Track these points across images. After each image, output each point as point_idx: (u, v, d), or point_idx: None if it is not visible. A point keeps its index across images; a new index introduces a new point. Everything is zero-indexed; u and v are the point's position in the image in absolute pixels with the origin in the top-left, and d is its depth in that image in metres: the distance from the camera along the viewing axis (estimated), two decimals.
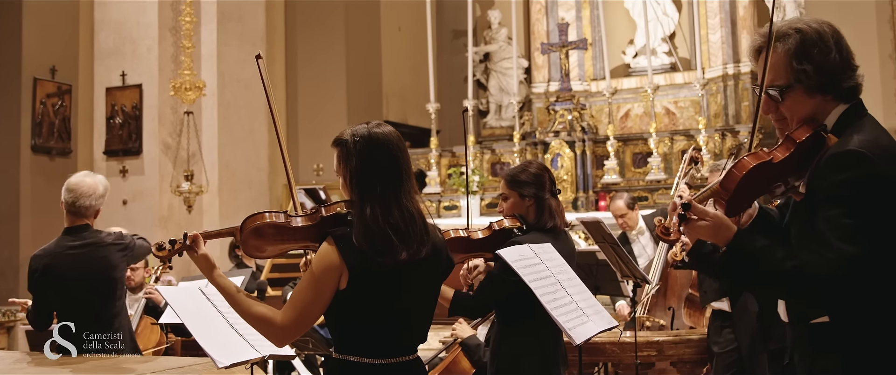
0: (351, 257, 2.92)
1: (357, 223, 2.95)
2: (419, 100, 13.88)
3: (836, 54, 2.68)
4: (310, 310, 2.97)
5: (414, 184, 3.12)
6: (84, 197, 5.32)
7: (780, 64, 2.74)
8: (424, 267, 3.06)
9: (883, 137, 2.65)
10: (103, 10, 11.30)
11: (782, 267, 2.58)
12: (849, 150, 2.58)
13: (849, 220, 2.52)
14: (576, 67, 13.71)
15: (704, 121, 12.06)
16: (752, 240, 2.67)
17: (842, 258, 2.50)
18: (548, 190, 4.39)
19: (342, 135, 3.08)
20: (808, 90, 2.71)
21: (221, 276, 3.18)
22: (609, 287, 6.71)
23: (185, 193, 10.76)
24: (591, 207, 12.13)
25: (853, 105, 2.72)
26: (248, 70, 11.96)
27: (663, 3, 13.87)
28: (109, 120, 11.20)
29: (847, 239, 2.50)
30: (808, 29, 2.71)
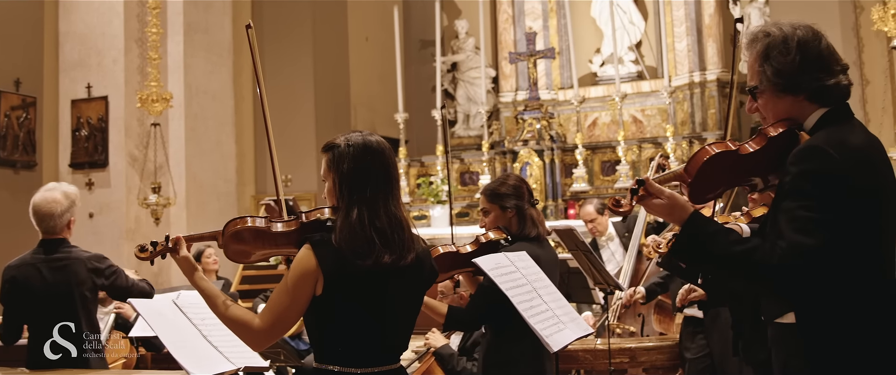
0: (327, 262, 2.92)
1: (342, 224, 2.97)
2: (387, 109, 13.86)
3: (796, 56, 2.73)
4: (286, 315, 2.98)
5: (400, 193, 3.15)
6: (47, 218, 5.28)
7: (753, 66, 2.83)
8: (408, 275, 3.06)
9: (855, 137, 2.69)
10: (68, 21, 11.20)
11: (732, 250, 2.64)
12: (810, 145, 2.65)
13: (805, 213, 2.57)
14: (543, 76, 13.74)
15: (672, 128, 12.13)
16: (706, 222, 2.74)
17: (794, 248, 2.55)
18: (527, 201, 4.47)
19: (335, 140, 3.11)
20: (774, 91, 2.77)
21: (203, 278, 3.21)
22: (580, 294, 6.73)
23: (152, 205, 10.68)
24: (560, 215, 12.15)
25: (836, 108, 2.76)
26: (216, 81, 11.92)
27: (629, 11, 13.93)
28: (75, 132, 11.10)
29: (802, 230, 2.56)
30: (776, 32, 2.78)
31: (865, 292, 2.64)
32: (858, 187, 2.60)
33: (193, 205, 11.55)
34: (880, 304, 2.65)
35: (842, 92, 2.77)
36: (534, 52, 13.08)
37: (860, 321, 2.63)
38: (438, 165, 12.91)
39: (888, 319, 2.65)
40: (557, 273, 4.49)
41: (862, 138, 2.71)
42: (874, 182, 2.65)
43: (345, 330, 2.99)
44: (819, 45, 2.75)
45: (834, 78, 2.75)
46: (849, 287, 2.62)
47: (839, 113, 2.76)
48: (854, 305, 2.63)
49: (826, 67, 2.75)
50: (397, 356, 3.14)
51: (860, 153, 2.65)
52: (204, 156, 11.74)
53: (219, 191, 12.00)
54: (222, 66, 12.07)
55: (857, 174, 2.60)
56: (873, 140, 2.78)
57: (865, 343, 2.64)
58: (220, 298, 3.14)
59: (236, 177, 12.33)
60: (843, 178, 2.58)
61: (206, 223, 11.48)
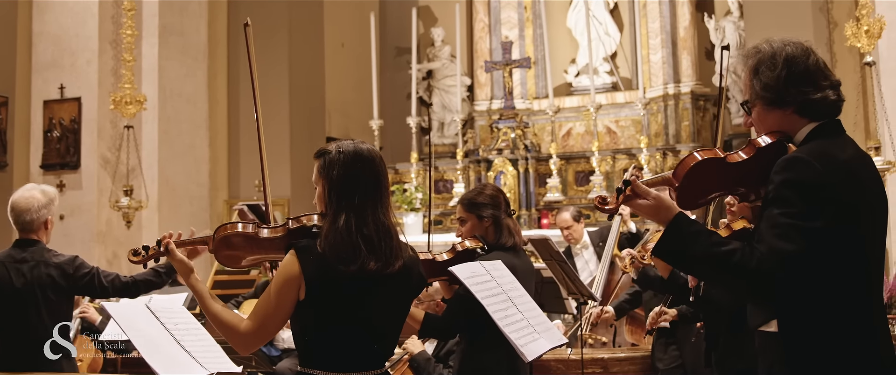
0: (309, 267, 2.98)
1: (328, 230, 3.02)
2: (362, 116, 13.84)
3: (782, 71, 2.81)
4: (271, 320, 3.04)
5: (389, 201, 3.21)
6: (24, 212, 5.28)
7: (745, 82, 2.93)
8: (394, 282, 3.09)
9: (841, 151, 2.76)
10: (42, 21, 11.11)
11: (712, 251, 2.71)
12: (793, 156, 2.73)
13: (786, 220, 2.64)
14: (519, 85, 13.78)
15: (646, 140, 12.20)
16: (690, 223, 2.81)
17: (772, 253, 2.62)
18: (504, 211, 4.48)
19: (326, 147, 3.17)
20: (762, 104, 2.86)
21: (198, 281, 3.25)
22: (553, 304, 6.74)
23: (124, 208, 10.60)
24: (533, 225, 12.18)
25: (826, 123, 2.82)
26: (191, 84, 11.86)
27: (605, 23, 14.00)
28: (47, 133, 11.01)
29: (781, 236, 2.63)
30: (766, 48, 2.87)
31: (846, 302, 2.70)
32: (840, 198, 2.66)
33: (165, 209, 11.48)
34: (860, 314, 2.71)
35: (829, 106, 2.83)
36: (509, 61, 13.12)
37: (841, 329, 2.69)
38: (412, 172, 12.92)
39: (867, 328, 2.72)
40: (533, 283, 4.51)
41: (849, 152, 2.78)
42: (857, 195, 2.70)
43: (328, 335, 3.04)
44: (806, 60, 2.83)
45: (820, 92, 2.82)
46: (830, 296, 2.69)
47: (828, 127, 2.82)
48: (834, 314, 2.69)
49: (812, 82, 2.82)
50: (381, 362, 3.17)
51: (844, 165, 2.71)
52: (177, 159, 11.67)
53: (191, 195, 11.94)
54: (197, 70, 12.01)
55: (840, 185, 2.67)
56: (862, 155, 2.85)
57: (846, 352, 2.69)
58: (213, 301, 3.19)
59: (209, 180, 12.26)
60: (823, 188, 2.65)
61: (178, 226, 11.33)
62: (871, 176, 2.81)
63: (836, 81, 2.87)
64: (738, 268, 2.66)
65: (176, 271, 3.33)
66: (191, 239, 3.45)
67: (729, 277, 2.76)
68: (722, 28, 13.20)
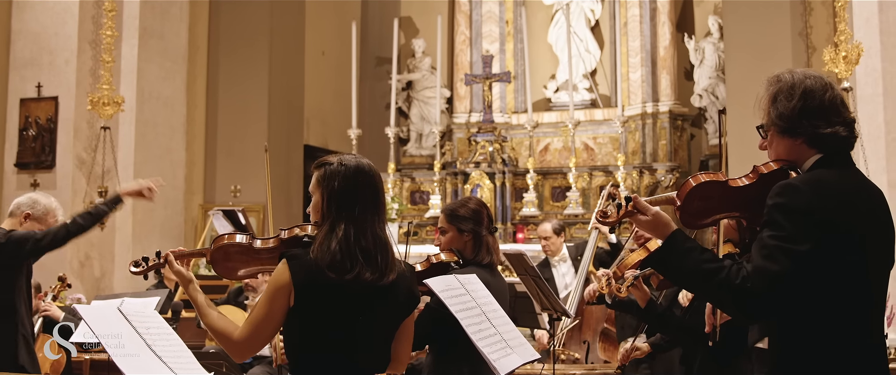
0: (299, 275, 3.03)
1: (325, 238, 3.07)
2: (340, 125, 13.84)
3: (798, 102, 2.90)
4: (263, 328, 3.10)
5: (386, 217, 3.28)
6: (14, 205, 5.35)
7: (765, 107, 3.01)
8: (382, 295, 3.13)
9: (838, 180, 2.85)
10: (21, 19, 11.04)
11: (702, 267, 2.83)
12: (787, 182, 2.83)
13: (773, 242, 2.74)
14: (498, 99, 13.82)
15: (623, 157, 12.27)
16: (685, 240, 2.92)
17: (757, 271, 2.74)
18: (485, 227, 4.44)
19: (328, 159, 3.22)
20: (777, 132, 2.95)
21: (197, 290, 3.32)
22: (526, 319, 6.74)
23: None
24: (509, 239, 12.21)
25: (828, 155, 2.90)
26: (169, 87, 11.81)
27: (586, 40, 14.07)
28: (22, 132, 10.92)
29: (767, 257, 2.73)
30: (787, 78, 2.97)
31: (832, 324, 2.78)
32: (831, 224, 2.74)
33: (140, 212, 11.40)
34: (846, 335, 2.78)
35: (839, 142, 2.90)
36: (489, 75, 13.16)
37: (824, 349, 2.78)
38: (390, 183, 12.92)
39: (854, 348, 2.79)
40: (507, 302, 4.49)
41: (848, 182, 2.86)
42: (850, 222, 2.78)
43: (317, 343, 3.09)
44: (823, 95, 2.90)
45: (830, 127, 2.89)
46: (815, 318, 2.78)
47: (834, 159, 2.90)
48: (818, 335, 2.79)
49: (825, 117, 2.89)
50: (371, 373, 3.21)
51: (838, 193, 2.79)
52: (153, 162, 11.60)
53: (167, 199, 11.85)
54: (176, 73, 11.96)
55: (829, 212, 2.75)
56: (865, 186, 2.92)
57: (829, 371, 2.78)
58: (210, 310, 3.25)
59: (185, 184, 12.20)
60: (811, 213, 2.73)
61: (152, 230, 11.37)
62: (870, 206, 2.87)
63: (849, 119, 2.94)
64: (723, 284, 2.77)
65: (114, 205, 3.38)
66: (190, 252, 3.51)
67: (715, 291, 2.87)
68: (701, 49, 13.31)
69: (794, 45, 10.49)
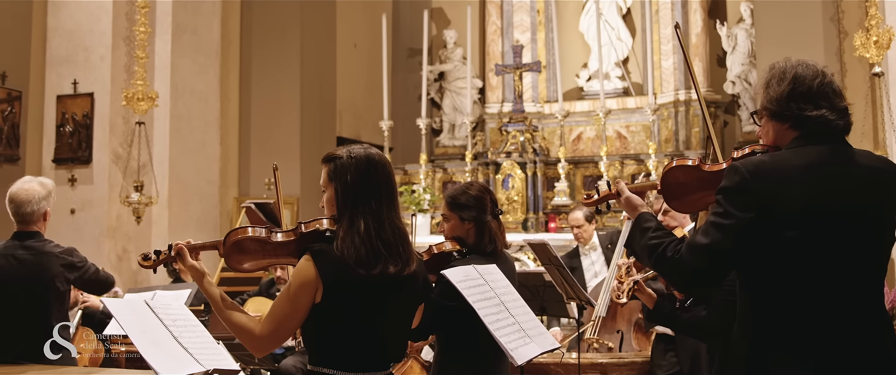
0: (326, 272, 3.01)
1: (347, 234, 3.06)
2: (373, 117, 13.91)
3: (787, 86, 2.96)
4: (286, 323, 3.08)
5: (399, 206, 3.26)
6: (24, 204, 5.33)
7: (757, 93, 3.12)
8: (404, 286, 3.16)
9: (788, 161, 2.90)
10: (56, 17, 11.20)
11: (649, 242, 3.06)
12: (730, 165, 2.97)
13: (711, 219, 2.90)
14: (529, 89, 13.83)
15: (655, 145, 12.22)
16: (646, 220, 3.16)
17: (688, 246, 2.92)
18: (489, 213, 4.36)
19: (336, 152, 3.20)
20: (768, 117, 3.03)
21: (211, 284, 3.29)
22: (555, 308, 6.76)
23: (134, 204, 10.66)
24: (540, 228, 12.21)
25: (804, 134, 2.95)
26: (203, 81, 11.92)
27: (617, 28, 14.03)
28: (59, 128, 11.08)
29: (702, 232, 2.90)
30: (780, 65, 3.05)
31: (775, 302, 2.87)
32: (762, 202, 2.83)
33: (175, 205, 11.54)
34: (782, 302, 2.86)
35: (823, 124, 2.93)
36: (520, 65, 13.17)
37: (772, 327, 2.88)
38: (422, 174, 12.96)
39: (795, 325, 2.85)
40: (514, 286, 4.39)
41: (801, 161, 2.89)
42: (794, 199, 2.83)
43: (341, 336, 3.08)
44: (813, 81, 2.96)
45: (817, 110, 2.93)
46: (760, 294, 2.91)
47: (809, 138, 2.94)
48: (762, 302, 2.91)
49: (812, 101, 2.94)
50: (390, 363, 3.23)
51: (776, 171, 2.86)
52: (188, 156, 11.72)
53: (201, 192, 11.99)
54: (209, 68, 12.07)
55: (763, 190, 2.83)
56: (830, 162, 2.90)
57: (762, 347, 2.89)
58: (227, 304, 3.22)
59: (219, 178, 12.31)
60: (745, 191, 2.84)
61: (187, 223, 11.49)
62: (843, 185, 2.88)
63: (842, 106, 2.96)
64: (661, 256, 2.99)
65: None
66: (202, 244, 3.43)
67: (656, 263, 3.06)
68: (734, 35, 13.22)
69: (826, 29, 10.40)
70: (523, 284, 5.98)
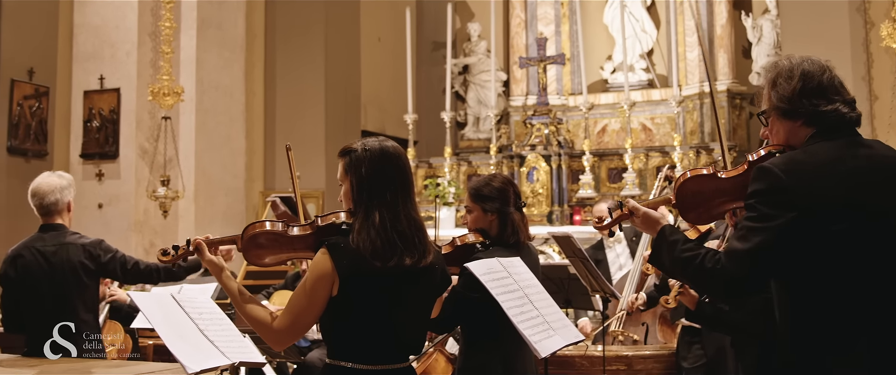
0: (342, 264, 3.02)
1: (362, 227, 3.06)
2: (397, 110, 13.92)
3: (798, 83, 2.92)
4: (304, 317, 3.09)
5: (415, 197, 3.25)
6: (47, 194, 5.39)
7: (764, 93, 3.04)
8: (421, 278, 3.16)
9: (817, 156, 2.84)
10: (83, 13, 11.28)
11: (678, 256, 2.94)
12: (759, 167, 2.87)
13: (746, 223, 2.81)
14: (554, 82, 13.80)
15: (680, 138, 12.17)
16: (671, 233, 3.02)
17: (728, 254, 2.82)
18: (512, 204, 4.36)
19: (352, 145, 3.20)
20: (778, 116, 2.98)
21: (230, 278, 3.30)
22: (580, 301, 6.75)
23: (160, 198, 10.73)
24: (565, 221, 12.19)
25: (821, 129, 2.90)
26: (228, 76, 11.98)
27: (642, 20, 13.99)
28: (87, 123, 11.18)
29: (740, 238, 2.81)
30: (785, 63, 3.00)
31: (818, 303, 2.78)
32: (800, 201, 2.75)
33: (202, 199, 11.61)
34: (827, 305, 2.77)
35: (840, 119, 2.90)
36: (544, 58, 13.14)
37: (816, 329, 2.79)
38: (446, 167, 12.97)
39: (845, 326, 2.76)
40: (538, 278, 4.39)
41: (827, 156, 2.84)
42: (820, 196, 2.77)
43: (359, 329, 3.08)
44: (822, 76, 2.93)
45: (831, 104, 2.90)
46: (802, 296, 2.81)
47: (827, 134, 2.90)
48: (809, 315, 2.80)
49: (824, 95, 2.91)
50: (408, 355, 3.22)
51: (811, 170, 2.80)
52: (214, 150, 11.79)
53: (227, 186, 12.06)
54: (234, 62, 12.13)
55: (800, 189, 2.76)
56: (850, 156, 2.85)
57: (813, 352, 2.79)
58: (245, 298, 3.24)
59: (245, 172, 12.38)
60: (782, 192, 2.76)
61: (214, 217, 11.56)
62: (872, 179, 2.83)
63: (850, 98, 2.94)
64: (698, 269, 2.87)
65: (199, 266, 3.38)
66: (220, 239, 3.45)
67: (692, 276, 2.97)
68: (759, 26, 13.14)
69: (852, 20, 10.32)
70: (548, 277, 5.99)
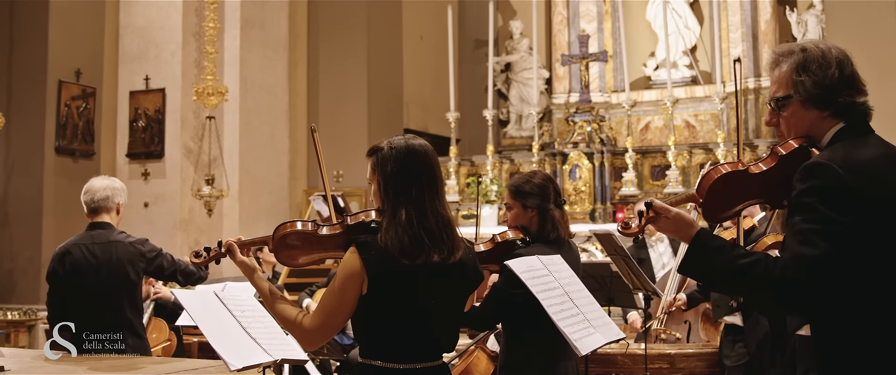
0: (371, 263, 3.01)
1: (389, 225, 3.04)
2: (440, 108, 13.94)
3: (835, 71, 2.78)
4: (335, 316, 3.08)
5: (444, 193, 3.23)
6: (98, 191, 5.54)
7: (784, 78, 2.85)
8: (451, 274, 3.14)
9: (865, 152, 2.71)
10: (128, 14, 11.42)
11: (734, 264, 2.68)
12: (813, 162, 2.69)
13: (809, 225, 2.60)
14: (596, 79, 13.75)
15: (723, 134, 12.08)
16: (711, 239, 2.79)
17: (796, 260, 2.58)
18: (552, 201, 4.34)
19: (378, 144, 3.19)
20: (803, 102, 2.81)
21: (262, 279, 3.32)
22: (623, 298, 6.73)
23: (205, 197, 10.83)
24: (608, 219, 12.14)
25: (851, 123, 2.78)
26: (271, 76, 12.07)
27: (685, 16, 13.89)
28: (132, 123, 11.31)
29: (805, 242, 2.58)
30: (814, 48, 2.82)
31: (879, 305, 2.63)
32: (865, 199, 2.60)
33: (246, 198, 11.71)
34: (893, 316, 2.63)
35: (866, 112, 2.81)
36: (586, 55, 13.09)
37: (873, 333, 2.63)
38: (488, 165, 12.97)
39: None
40: (579, 276, 4.38)
41: (874, 152, 2.72)
42: (884, 195, 2.64)
43: (389, 327, 3.07)
44: (851, 66, 2.80)
45: (863, 97, 2.80)
46: (860, 300, 2.62)
47: (854, 129, 2.78)
48: (867, 318, 2.63)
49: (856, 86, 2.80)
50: (440, 353, 3.21)
51: (868, 166, 2.66)
52: (257, 149, 11.88)
53: (271, 185, 12.15)
54: (277, 62, 12.22)
55: (863, 186, 2.61)
56: (890, 154, 2.77)
57: (878, 357, 2.63)
58: (276, 297, 3.25)
59: (289, 171, 12.46)
60: (846, 190, 2.60)
61: (258, 216, 11.65)
62: None
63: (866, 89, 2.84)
64: (762, 279, 2.64)
65: None
66: (251, 240, 3.47)
67: (754, 289, 2.76)
68: (804, 22, 13.02)
69: None
70: (590, 274, 5.98)
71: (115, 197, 5.59)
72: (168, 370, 4.72)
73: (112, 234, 5.54)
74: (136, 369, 4.75)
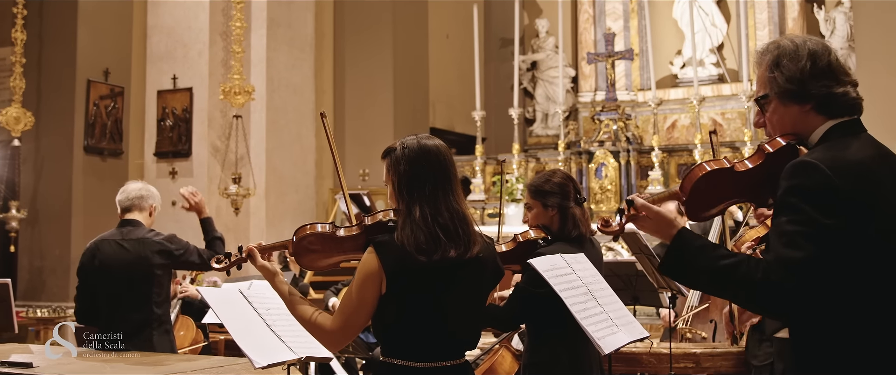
0: (389, 262, 3.02)
1: (405, 223, 3.06)
2: (466, 107, 13.94)
3: (806, 63, 2.70)
4: (355, 317, 3.10)
5: (461, 189, 3.23)
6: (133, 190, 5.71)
7: (761, 77, 2.81)
8: (470, 270, 3.14)
9: (855, 152, 2.64)
10: (156, 14, 11.50)
11: (715, 265, 2.62)
12: (800, 160, 2.61)
13: (793, 227, 2.52)
14: (622, 77, 13.72)
15: (750, 133, 12.01)
16: (693, 238, 2.72)
17: (779, 262, 2.51)
18: (572, 199, 4.35)
19: (392, 145, 3.21)
20: (780, 98, 2.74)
21: (282, 282, 3.34)
22: (648, 298, 6.72)
23: (232, 196, 10.90)
24: None
25: (844, 122, 2.72)
26: (297, 75, 12.11)
27: (712, 14, 13.84)
28: (160, 122, 11.38)
29: (789, 244, 2.50)
30: (788, 43, 2.77)
31: (863, 310, 2.55)
32: (852, 200, 2.52)
33: (273, 197, 11.76)
34: (878, 320, 2.56)
35: (850, 103, 2.73)
36: (612, 53, 13.05)
37: (858, 339, 2.56)
38: (515, 163, 12.96)
39: (886, 335, 2.56)
40: (601, 273, 4.39)
41: (865, 153, 2.65)
42: (872, 197, 2.57)
43: (409, 325, 3.07)
44: (828, 56, 2.73)
45: (842, 87, 2.71)
46: (844, 304, 2.55)
47: (845, 127, 2.71)
48: (849, 324, 2.55)
49: (834, 77, 2.71)
50: (462, 351, 3.21)
51: (857, 167, 2.58)
52: (284, 148, 11.93)
53: (298, 184, 12.19)
54: (304, 61, 12.26)
55: (851, 187, 2.53)
56: (883, 154, 2.70)
57: (861, 362, 2.56)
58: (297, 299, 3.27)
59: (315, 169, 12.50)
60: (833, 191, 2.52)
61: (284, 214, 11.70)
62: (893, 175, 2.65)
63: (854, 80, 2.76)
64: (743, 281, 2.56)
65: None
66: (271, 245, 3.48)
67: (735, 291, 2.68)
68: (832, 19, 12.93)
69: None
70: (615, 273, 5.97)
71: (150, 198, 5.73)
72: (194, 366, 4.76)
73: (142, 231, 5.64)
74: (163, 365, 4.79)
